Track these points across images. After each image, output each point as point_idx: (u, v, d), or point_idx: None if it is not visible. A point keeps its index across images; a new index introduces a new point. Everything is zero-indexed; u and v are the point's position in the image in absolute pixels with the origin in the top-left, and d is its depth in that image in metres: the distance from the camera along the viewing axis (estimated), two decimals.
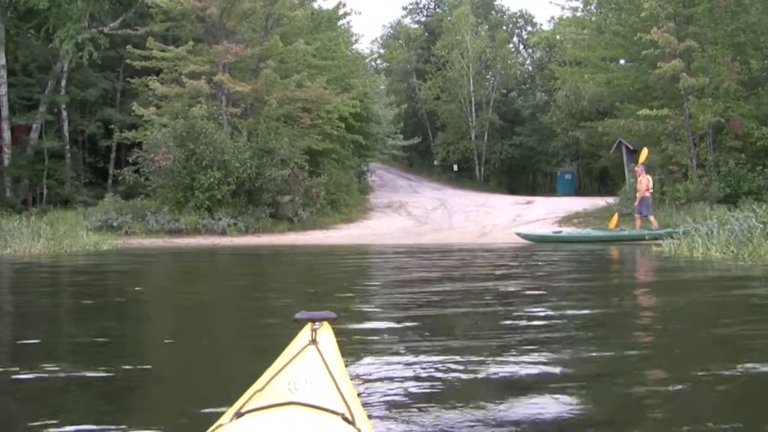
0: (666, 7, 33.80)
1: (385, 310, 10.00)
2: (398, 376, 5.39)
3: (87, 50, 39.86)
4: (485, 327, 8.20)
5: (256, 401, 2.63)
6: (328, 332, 3.28)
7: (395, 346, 6.86)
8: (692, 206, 31.00)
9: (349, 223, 39.21)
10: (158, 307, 11.36)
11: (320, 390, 2.70)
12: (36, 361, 5.98)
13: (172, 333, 8.46)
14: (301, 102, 39.22)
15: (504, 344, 6.90)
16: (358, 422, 2.56)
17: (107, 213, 34.36)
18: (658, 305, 10.69)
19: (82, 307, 10.82)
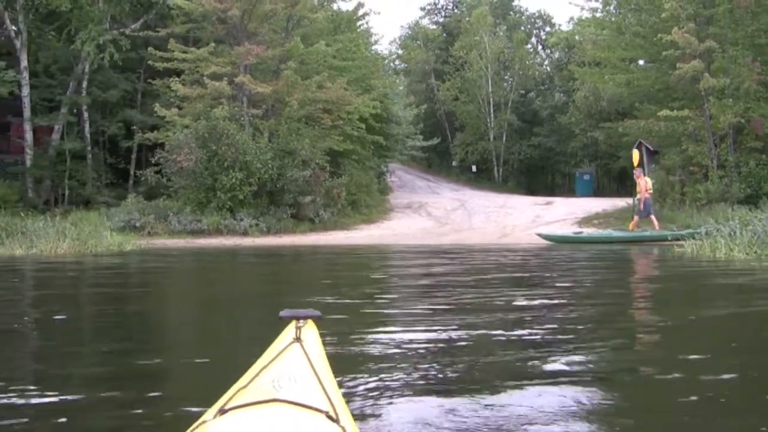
0: (686, 8, 33.80)
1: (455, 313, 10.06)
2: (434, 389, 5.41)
3: (108, 52, 40.16)
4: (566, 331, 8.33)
5: (239, 398, 2.65)
6: (313, 330, 3.31)
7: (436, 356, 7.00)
8: (713, 207, 31.08)
9: (370, 224, 39.36)
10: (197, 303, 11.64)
11: (304, 387, 2.73)
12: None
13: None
14: (321, 103, 39.45)
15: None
16: (342, 420, 2.58)
17: (130, 213, 34.58)
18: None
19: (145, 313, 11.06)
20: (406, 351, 6.55)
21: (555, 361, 6.06)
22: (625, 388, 5.34)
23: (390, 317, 9.34)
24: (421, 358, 6.19)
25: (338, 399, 2.77)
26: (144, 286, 15.22)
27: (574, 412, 4.52)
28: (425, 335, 7.55)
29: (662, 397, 5.02)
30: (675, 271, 16.90)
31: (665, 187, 35.23)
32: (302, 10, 39.67)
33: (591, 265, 18.81)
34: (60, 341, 7.53)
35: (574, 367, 5.85)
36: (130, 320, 9.65)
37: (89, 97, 42.36)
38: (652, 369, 5.84)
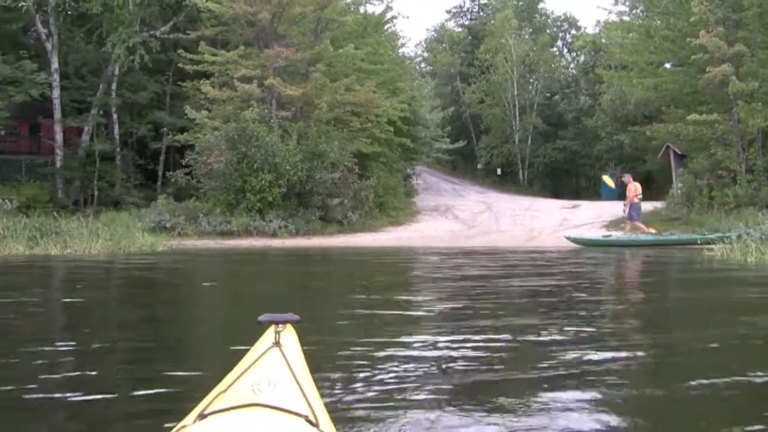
0: (715, 12, 33.75)
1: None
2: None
3: (138, 54, 40.60)
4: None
5: (219, 403, 2.66)
6: (292, 334, 3.31)
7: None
8: (741, 211, 30.92)
9: (398, 226, 39.47)
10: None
11: (284, 392, 2.73)
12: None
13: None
14: (350, 105, 39.68)
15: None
16: (322, 424, 2.59)
17: (160, 214, 34.87)
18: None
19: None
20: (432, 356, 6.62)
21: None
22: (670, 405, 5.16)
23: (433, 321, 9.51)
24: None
25: (318, 403, 2.80)
26: (210, 286, 15.47)
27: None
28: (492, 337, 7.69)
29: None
30: (712, 276, 16.91)
31: (693, 191, 35.17)
32: (331, 13, 39.97)
33: (626, 270, 18.92)
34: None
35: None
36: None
37: (119, 98, 42.81)
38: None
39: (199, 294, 13.67)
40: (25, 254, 24.22)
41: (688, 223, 32.31)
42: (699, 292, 12.97)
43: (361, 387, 5.25)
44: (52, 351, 6.81)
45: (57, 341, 7.36)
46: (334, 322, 8.87)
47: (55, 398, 5.06)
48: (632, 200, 29.62)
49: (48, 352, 6.77)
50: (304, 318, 3.48)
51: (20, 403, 4.93)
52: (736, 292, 12.95)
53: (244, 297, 12.86)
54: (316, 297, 12.62)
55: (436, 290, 13.60)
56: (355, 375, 5.58)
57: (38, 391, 5.22)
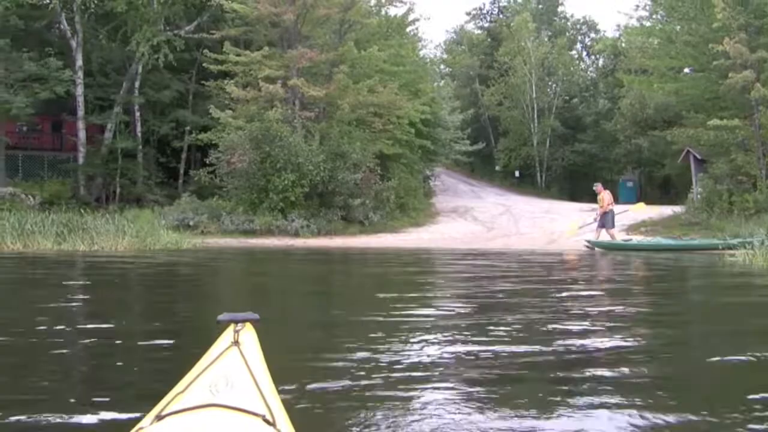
0: (738, 18, 33.83)
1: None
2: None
3: (162, 52, 40.91)
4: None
5: (176, 404, 2.67)
6: (251, 333, 3.30)
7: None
8: (761, 216, 31.07)
9: (418, 227, 39.69)
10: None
11: (241, 391, 2.74)
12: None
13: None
14: (372, 107, 40.03)
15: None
16: (279, 423, 2.62)
17: (184, 213, 35.31)
18: None
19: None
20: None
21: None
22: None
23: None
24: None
25: (275, 402, 2.81)
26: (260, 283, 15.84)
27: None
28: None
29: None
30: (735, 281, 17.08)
31: (713, 196, 35.19)
32: (355, 15, 40.23)
33: (651, 275, 19.11)
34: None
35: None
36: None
37: (142, 97, 43.19)
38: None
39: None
40: (54, 250, 24.59)
41: (707, 228, 32.38)
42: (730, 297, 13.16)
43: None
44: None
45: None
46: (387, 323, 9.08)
47: None
48: (606, 209, 29.68)
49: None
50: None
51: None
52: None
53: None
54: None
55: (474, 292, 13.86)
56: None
57: None
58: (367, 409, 4.85)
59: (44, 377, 5.85)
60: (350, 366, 6.11)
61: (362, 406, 4.94)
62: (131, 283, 16.12)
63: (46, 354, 6.83)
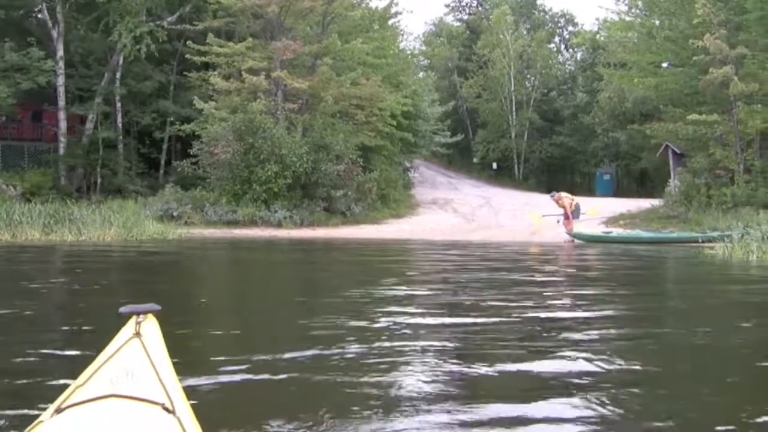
0: (718, 14, 34.28)
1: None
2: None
3: (145, 43, 40.88)
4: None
5: (76, 396, 2.65)
6: (153, 324, 3.31)
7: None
8: (738, 210, 31.66)
9: (399, 219, 40.06)
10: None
11: (141, 381, 2.74)
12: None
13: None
14: (355, 99, 40.30)
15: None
16: (178, 411, 2.61)
17: (167, 203, 35.47)
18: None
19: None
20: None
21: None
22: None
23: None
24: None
25: (176, 390, 2.81)
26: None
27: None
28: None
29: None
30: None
31: (691, 189, 35.79)
32: (339, 8, 40.43)
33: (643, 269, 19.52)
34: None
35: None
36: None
37: (124, 87, 43.11)
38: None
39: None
40: (42, 240, 24.80)
41: (685, 222, 32.93)
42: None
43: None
44: None
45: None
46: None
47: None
48: (569, 211, 30.08)
49: None
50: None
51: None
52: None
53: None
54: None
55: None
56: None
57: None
58: (282, 395, 5.07)
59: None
60: (277, 355, 6.25)
61: (271, 392, 5.17)
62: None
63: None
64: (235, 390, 5.21)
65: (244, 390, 5.25)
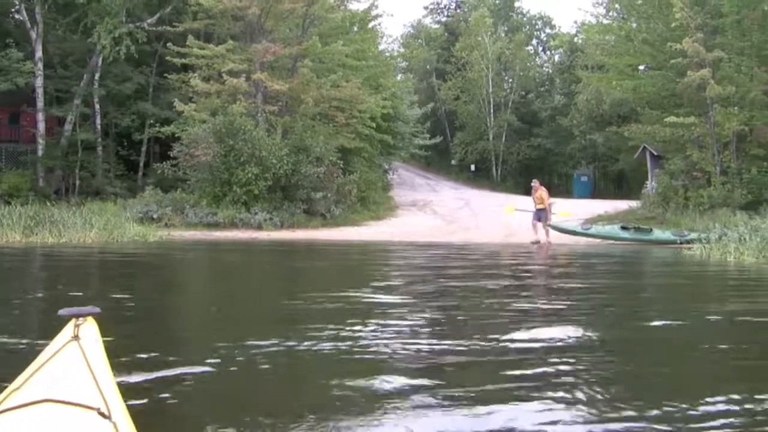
0: (695, 18, 34.66)
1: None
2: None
3: (125, 44, 40.88)
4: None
5: (11, 400, 2.61)
6: (92, 327, 3.29)
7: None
8: (715, 212, 32.07)
9: (379, 221, 40.15)
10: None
11: (77, 386, 2.70)
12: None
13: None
14: (335, 101, 40.49)
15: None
16: (114, 416, 2.56)
17: (147, 205, 35.48)
18: None
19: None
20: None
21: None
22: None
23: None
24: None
25: (113, 395, 2.77)
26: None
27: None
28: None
29: None
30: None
31: (668, 191, 36.13)
32: (319, 10, 40.50)
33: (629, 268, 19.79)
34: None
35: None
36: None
37: (103, 89, 43.02)
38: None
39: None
40: (23, 243, 24.74)
41: (663, 223, 33.22)
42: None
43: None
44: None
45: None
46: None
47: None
48: (546, 204, 30.12)
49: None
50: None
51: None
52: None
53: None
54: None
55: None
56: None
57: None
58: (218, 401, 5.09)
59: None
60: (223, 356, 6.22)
61: (208, 397, 5.19)
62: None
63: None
64: (206, 386, 5.32)
65: (219, 385, 5.39)
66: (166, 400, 4.82)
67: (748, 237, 21.98)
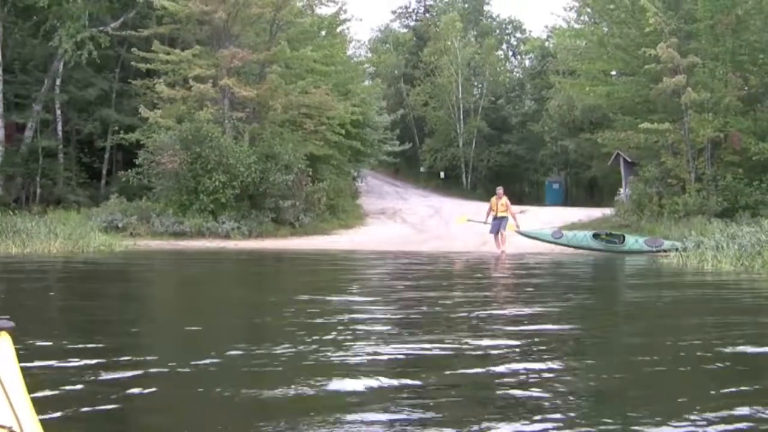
0: (669, 23, 34.93)
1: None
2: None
3: (87, 49, 40.58)
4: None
5: None
6: (6, 341, 3.17)
7: None
8: (690, 219, 32.28)
9: (348, 229, 40.18)
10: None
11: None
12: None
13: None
14: (304, 108, 40.49)
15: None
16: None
17: (112, 214, 35.31)
18: None
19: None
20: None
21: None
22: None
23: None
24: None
25: (27, 412, 2.67)
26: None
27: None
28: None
29: None
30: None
31: (643, 198, 36.33)
32: (288, 15, 40.50)
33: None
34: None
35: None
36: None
37: (65, 94, 42.67)
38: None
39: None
40: None
41: (638, 230, 33.28)
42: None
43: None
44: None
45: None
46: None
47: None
48: (513, 213, 30.17)
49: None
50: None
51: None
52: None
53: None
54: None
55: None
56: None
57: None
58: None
59: None
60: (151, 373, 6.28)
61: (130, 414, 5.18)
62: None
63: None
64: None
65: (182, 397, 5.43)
66: (97, 413, 4.86)
67: (725, 245, 22.16)
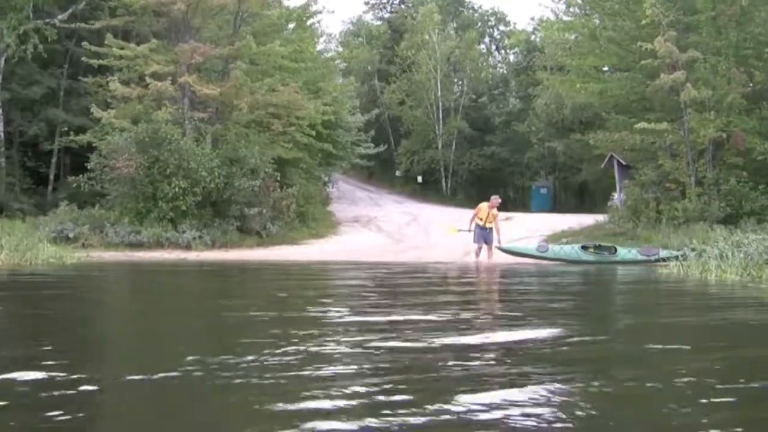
0: (668, 15, 34.98)
1: None
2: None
3: (32, 43, 40.42)
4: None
5: None
6: None
7: None
8: (690, 226, 32.30)
9: (319, 239, 40.12)
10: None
11: None
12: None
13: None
14: (271, 107, 40.36)
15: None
16: None
17: (62, 223, 35.06)
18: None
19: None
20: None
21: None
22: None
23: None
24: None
25: None
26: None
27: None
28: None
29: None
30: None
31: (639, 204, 36.26)
32: (253, 6, 40.40)
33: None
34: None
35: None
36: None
37: (7, 92, 42.36)
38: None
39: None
40: None
41: (634, 239, 33.20)
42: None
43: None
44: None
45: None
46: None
47: None
48: (498, 228, 29.97)
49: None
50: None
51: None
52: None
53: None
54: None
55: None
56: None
57: None
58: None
59: None
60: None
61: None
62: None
63: None
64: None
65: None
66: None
67: (730, 253, 22.25)
